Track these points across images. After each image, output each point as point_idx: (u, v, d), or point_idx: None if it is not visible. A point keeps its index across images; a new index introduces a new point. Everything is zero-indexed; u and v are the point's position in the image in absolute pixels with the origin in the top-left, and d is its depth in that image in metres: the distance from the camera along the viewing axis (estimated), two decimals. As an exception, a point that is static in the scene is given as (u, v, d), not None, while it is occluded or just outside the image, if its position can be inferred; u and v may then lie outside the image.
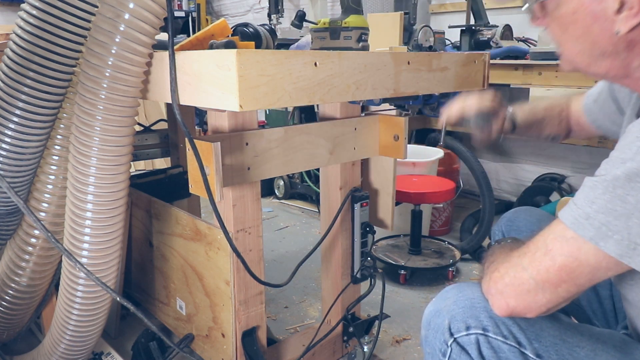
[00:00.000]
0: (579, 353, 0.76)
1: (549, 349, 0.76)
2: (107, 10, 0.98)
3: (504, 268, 0.77)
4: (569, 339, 0.77)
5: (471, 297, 0.80)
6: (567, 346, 0.76)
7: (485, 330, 0.77)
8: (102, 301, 1.19)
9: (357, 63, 1.02)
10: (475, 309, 0.79)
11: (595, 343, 0.78)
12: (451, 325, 0.79)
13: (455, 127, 1.23)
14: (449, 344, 0.79)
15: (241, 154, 1.09)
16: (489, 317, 0.77)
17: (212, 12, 5.27)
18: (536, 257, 0.73)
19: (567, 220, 0.70)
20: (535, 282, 0.72)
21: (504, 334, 0.77)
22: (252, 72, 0.84)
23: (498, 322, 0.77)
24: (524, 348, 0.76)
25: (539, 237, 0.74)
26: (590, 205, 0.67)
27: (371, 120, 1.36)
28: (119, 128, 1.05)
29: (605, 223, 0.66)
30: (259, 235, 1.21)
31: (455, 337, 0.78)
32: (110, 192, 1.08)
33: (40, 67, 1.05)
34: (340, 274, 1.46)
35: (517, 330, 0.77)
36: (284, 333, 1.76)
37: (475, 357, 0.77)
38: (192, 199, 2.04)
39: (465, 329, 0.78)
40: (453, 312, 0.80)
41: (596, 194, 0.67)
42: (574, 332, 0.79)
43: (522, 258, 0.75)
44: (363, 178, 1.49)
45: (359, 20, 1.20)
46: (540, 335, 0.77)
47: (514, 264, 0.75)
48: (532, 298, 0.73)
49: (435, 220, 2.69)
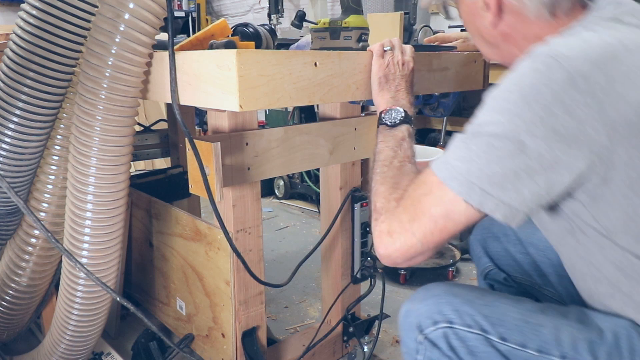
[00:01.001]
0: (542, 332, 0.78)
1: (513, 331, 0.78)
2: (107, 10, 0.98)
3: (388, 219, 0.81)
4: (531, 320, 0.79)
5: (436, 294, 0.83)
6: (530, 327, 0.78)
7: (451, 322, 0.79)
8: (102, 301, 1.19)
9: (357, 63, 1.02)
10: (439, 304, 0.81)
11: (557, 320, 0.80)
12: (420, 323, 0.81)
13: (455, 126, 1.26)
14: (420, 341, 0.81)
15: (241, 154, 1.09)
16: (453, 310, 0.80)
17: (212, 12, 5.27)
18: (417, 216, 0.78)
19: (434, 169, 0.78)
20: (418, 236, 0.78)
21: (468, 324, 0.79)
22: (252, 72, 0.84)
23: (462, 313, 0.80)
24: (489, 334, 0.78)
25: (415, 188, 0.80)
26: (449, 155, 0.77)
27: (371, 120, 1.36)
28: (119, 128, 1.05)
29: (455, 167, 0.74)
30: (259, 235, 1.21)
31: (424, 333, 0.81)
32: (110, 192, 1.08)
33: (40, 67, 1.05)
34: (340, 274, 1.45)
35: (481, 318, 0.79)
36: (284, 333, 1.76)
37: (445, 350, 0.79)
38: (192, 199, 2.04)
39: (433, 324, 0.80)
40: (420, 311, 0.82)
41: (453, 145, 0.77)
42: (536, 313, 0.81)
43: (404, 214, 0.79)
44: (363, 178, 1.49)
45: (359, 20, 1.20)
46: (503, 319, 0.79)
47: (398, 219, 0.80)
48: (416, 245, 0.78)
49: (435, 220, 2.69)
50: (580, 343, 0.76)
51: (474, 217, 0.74)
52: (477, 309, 0.80)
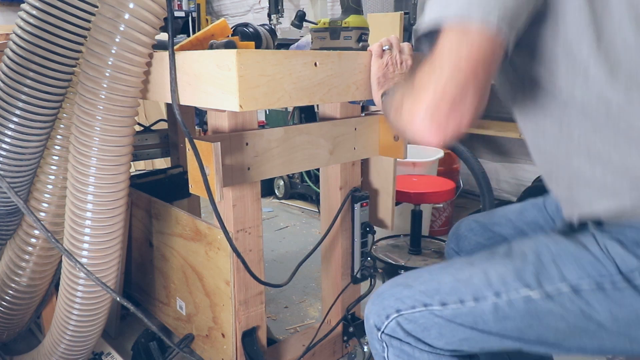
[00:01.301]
0: (473, 281, 0.81)
1: (449, 294, 0.81)
2: (107, 10, 0.98)
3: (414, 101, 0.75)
4: (462, 276, 0.82)
5: (380, 292, 0.87)
6: (462, 284, 0.81)
7: (399, 311, 0.83)
8: (102, 301, 1.19)
9: (357, 63, 1.02)
10: (384, 300, 0.85)
11: (485, 264, 0.83)
12: (375, 323, 0.85)
13: None
14: (381, 339, 0.85)
15: (241, 154, 1.09)
16: (396, 299, 0.84)
17: (212, 12, 5.27)
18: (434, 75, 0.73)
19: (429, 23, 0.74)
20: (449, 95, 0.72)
21: (412, 305, 0.82)
22: (252, 72, 0.84)
23: (404, 298, 0.83)
24: (431, 305, 0.81)
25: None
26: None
27: (371, 120, 1.36)
28: (119, 128, 1.05)
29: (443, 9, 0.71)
30: (259, 235, 1.21)
31: (381, 330, 0.84)
32: (110, 192, 1.08)
33: (40, 67, 1.05)
34: (340, 274, 1.46)
35: (419, 294, 0.83)
36: (284, 333, 1.76)
37: (403, 337, 0.83)
38: (192, 199, 2.04)
39: (385, 319, 0.84)
40: (372, 312, 0.86)
41: None
42: (465, 268, 0.84)
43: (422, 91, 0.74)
44: (363, 178, 1.49)
45: (359, 20, 1.20)
46: (439, 288, 0.82)
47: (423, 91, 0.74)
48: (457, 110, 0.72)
49: (435, 220, 2.70)
50: (508, 275, 0.79)
51: (487, 41, 0.69)
52: (415, 289, 0.83)
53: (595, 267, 0.75)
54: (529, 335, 0.78)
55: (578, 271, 0.76)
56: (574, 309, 0.75)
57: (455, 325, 0.80)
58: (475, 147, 3.28)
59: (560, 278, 0.76)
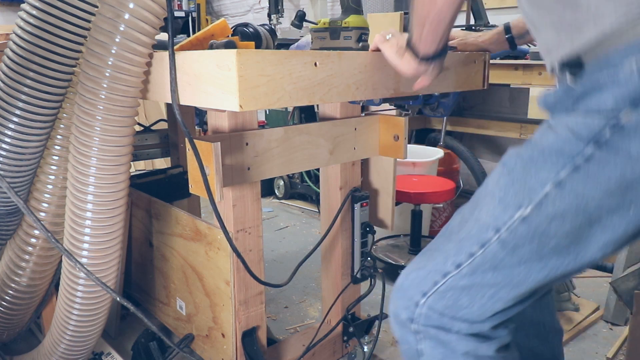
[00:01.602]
0: (473, 232, 0.80)
1: (458, 255, 0.80)
2: (107, 10, 0.98)
3: None
4: (462, 235, 0.82)
5: (398, 286, 0.86)
6: (464, 241, 0.81)
7: (424, 293, 0.82)
8: (102, 301, 1.19)
9: (357, 63, 1.02)
10: (406, 290, 0.84)
11: (474, 213, 0.83)
12: (407, 316, 0.83)
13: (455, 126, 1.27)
14: (416, 330, 0.83)
15: (241, 154, 1.09)
16: (416, 285, 0.83)
17: (212, 12, 5.27)
18: None
19: None
20: None
21: (434, 282, 0.81)
22: (252, 72, 0.84)
23: (422, 280, 0.83)
24: (449, 273, 0.80)
25: None
26: None
27: (371, 120, 1.36)
28: (119, 128, 1.05)
29: None
30: (259, 235, 1.21)
31: (415, 321, 0.83)
32: (110, 192, 1.08)
33: (40, 67, 1.05)
34: (340, 274, 1.46)
35: (434, 269, 0.82)
36: (284, 333, 1.76)
37: (438, 321, 0.81)
38: (192, 199, 2.04)
39: (415, 307, 0.82)
40: (399, 306, 0.85)
41: None
42: (460, 226, 0.84)
43: None
44: (363, 178, 1.49)
45: (359, 20, 1.20)
46: (447, 255, 0.82)
47: None
48: None
49: (435, 220, 2.69)
50: (496, 209, 0.78)
51: None
52: (428, 268, 0.83)
53: (563, 152, 0.73)
54: (546, 251, 0.75)
55: (552, 165, 0.73)
56: (566, 202, 0.73)
57: (479, 280, 0.79)
58: (475, 147, 3.28)
59: (540, 183, 0.74)
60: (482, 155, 3.25)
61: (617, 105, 0.70)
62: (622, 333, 1.68)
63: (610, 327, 1.76)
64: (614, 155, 0.70)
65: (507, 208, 0.77)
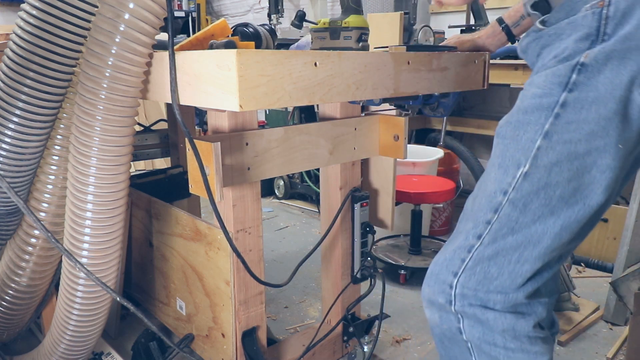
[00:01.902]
0: (483, 203, 0.85)
1: (476, 227, 0.85)
2: (107, 10, 0.98)
3: None
4: (475, 210, 0.87)
5: (430, 273, 0.91)
6: (479, 213, 0.85)
7: (455, 273, 0.86)
8: (102, 301, 1.19)
9: (357, 63, 1.02)
10: (437, 275, 0.88)
11: (482, 186, 0.87)
12: (445, 299, 0.86)
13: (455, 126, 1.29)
14: (455, 311, 0.86)
15: (241, 154, 1.09)
16: (445, 267, 0.87)
17: (212, 12, 5.27)
18: None
19: None
20: None
21: (461, 259, 0.85)
22: (252, 72, 0.84)
23: (450, 261, 0.87)
24: (472, 247, 0.85)
25: None
26: None
27: (371, 120, 1.36)
28: (119, 128, 1.05)
29: None
30: (259, 235, 1.21)
31: (453, 302, 0.86)
32: (110, 192, 1.08)
33: (40, 67, 1.05)
34: (340, 274, 1.46)
35: (458, 248, 0.87)
36: (284, 333, 1.76)
37: (474, 297, 0.84)
38: (192, 199, 2.04)
39: (450, 288, 0.86)
40: (435, 292, 0.88)
41: None
42: (473, 204, 0.88)
43: None
44: (363, 178, 1.49)
45: (359, 20, 1.20)
46: (467, 232, 0.86)
47: None
48: None
49: (435, 220, 2.70)
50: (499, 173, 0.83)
51: None
52: (451, 248, 0.88)
53: (542, 106, 0.78)
54: (554, 203, 0.79)
55: (536, 121, 0.79)
56: (558, 150, 0.78)
57: (501, 245, 0.82)
58: (475, 147, 3.28)
59: (531, 139, 0.79)
60: (482, 155, 3.25)
61: (577, 48, 0.76)
62: (622, 333, 1.68)
63: (610, 327, 1.76)
64: (585, 95, 0.75)
65: (507, 170, 0.81)
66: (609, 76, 0.74)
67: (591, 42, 0.76)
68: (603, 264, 2.17)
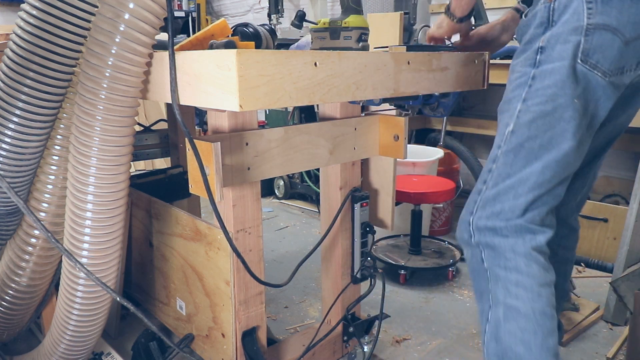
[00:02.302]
0: (490, 156, 1.12)
1: (484, 174, 1.12)
2: (107, 10, 0.98)
3: None
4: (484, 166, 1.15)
5: (459, 221, 1.14)
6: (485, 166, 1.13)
7: (471, 212, 1.11)
8: (102, 301, 1.19)
9: (357, 63, 1.02)
10: (462, 221, 1.13)
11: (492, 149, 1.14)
12: (470, 235, 1.10)
13: (455, 126, 1.39)
14: (476, 243, 1.09)
15: (241, 154, 1.09)
16: (465, 212, 1.13)
17: (212, 12, 5.27)
18: None
19: None
20: None
21: (474, 201, 1.11)
22: (252, 72, 0.84)
23: (467, 207, 1.13)
24: (481, 190, 1.11)
25: None
26: None
27: (371, 120, 1.36)
28: (119, 128, 1.05)
29: None
30: (259, 235, 1.21)
31: (473, 236, 1.09)
32: (110, 192, 1.08)
33: (40, 67, 1.05)
34: (340, 274, 1.46)
35: (472, 194, 1.13)
36: (284, 333, 1.76)
37: (484, 224, 1.08)
38: (192, 199, 2.04)
39: (469, 225, 1.10)
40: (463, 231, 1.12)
41: None
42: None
43: None
44: (363, 178, 1.49)
45: (359, 20, 1.20)
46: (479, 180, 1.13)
47: None
48: None
49: (435, 220, 2.70)
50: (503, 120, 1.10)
51: None
52: (468, 199, 1.14)
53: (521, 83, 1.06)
54: (536, 150, 1.03)
55: (517, 94, 1.06)
56: (532, 110, 1.03)
57: (501, 187, 1.06)
58: (475, 147, 3.28)
59: (514, 107, 1.06)
60: (482, 155, 3.25)
61: (536, 34, 1.04)
62: (622, 333, 1.68)
63: (610, 327, 1.76)
64: (545, 67, 1.02)
65: (500, 131, 1.09)
66: (559, 51, 1.00)
67: (544, 28, 1.03)
68: (603, 264, 2.17)
